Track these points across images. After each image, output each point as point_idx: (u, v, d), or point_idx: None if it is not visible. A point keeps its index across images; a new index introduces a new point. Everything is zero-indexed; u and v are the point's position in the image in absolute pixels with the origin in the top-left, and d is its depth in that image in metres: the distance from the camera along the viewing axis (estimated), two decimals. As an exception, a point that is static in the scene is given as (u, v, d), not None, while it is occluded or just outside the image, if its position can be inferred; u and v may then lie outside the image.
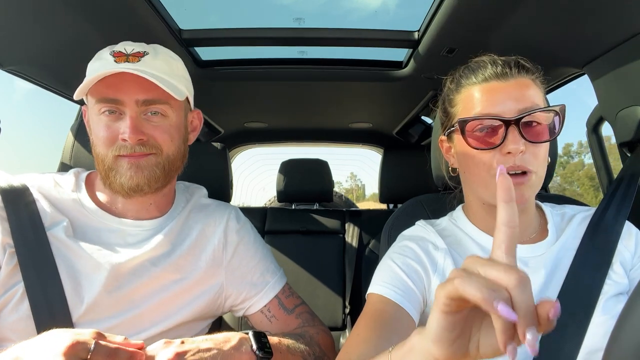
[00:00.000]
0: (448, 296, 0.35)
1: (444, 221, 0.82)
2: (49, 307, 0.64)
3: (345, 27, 1.31)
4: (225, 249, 0.85)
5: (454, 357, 0.38)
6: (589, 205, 0.84)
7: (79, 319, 0.70)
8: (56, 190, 0.77)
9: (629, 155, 1.03)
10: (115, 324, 0.72)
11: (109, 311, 0.72)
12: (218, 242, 0.85)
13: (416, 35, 1.29)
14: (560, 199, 0.94)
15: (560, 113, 0.66)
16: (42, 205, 0.74)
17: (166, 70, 0.76)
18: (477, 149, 0.67)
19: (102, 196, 0.80)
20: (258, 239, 0.91)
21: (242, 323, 1.62)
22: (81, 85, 0.71)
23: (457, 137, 0.73)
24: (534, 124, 0.65)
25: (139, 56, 0.74)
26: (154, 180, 0.76)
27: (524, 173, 0.65)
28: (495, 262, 0.36)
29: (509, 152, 0.64)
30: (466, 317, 0.37)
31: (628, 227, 0.74)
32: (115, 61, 0.73)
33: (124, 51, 0.74)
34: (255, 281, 0.85)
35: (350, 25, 1.32)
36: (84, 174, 0.83)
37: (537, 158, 0.66)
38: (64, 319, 0.68)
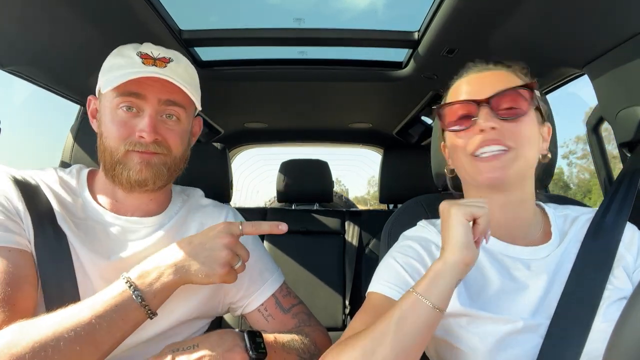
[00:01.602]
0: (467, 213, 0.58)
1: None
2: (62, 303, 0.64)
3: (345, 27, 1.31)
4: None
5: (475, 257, 0.57)
6: (590, 207, 0.84)
7: None
8: (60, 186, 0.79)
9: (629, 155, 1.03)
10: None
11: None
12: None
13: (416, 35, 1.29)
14: (562, 200, 0.93)
15: (530, 89, 0.69)
16: (51, 200, 0.75)
17: (187, 78, 0.80)
18: (454, 130, 0.72)
19: (102, 193, 0.81)
20: (256, 238, 0.92)
21: (242, 323, 1.62)
22: (107, 80, 0.74)
23: (446, 132, 0.76)
24: (509, 104, 0.68)
25: (165, 62, 0.78)
26: (159, 177, 0.78)
27: (503, 150, 0.67)
28: (469, 200, 0.61)
29: (482, 130, 0.67)
30: None
31: (629, 229, 0.73)
32: (143, 63, 0.76)
33: (150, 54, 0.77)
34: (254, 278, 0.85)
35: (350, 25, 1.32)
36: (85, 171, 0.85)
37: (517, 135, 0.67)
38: None
